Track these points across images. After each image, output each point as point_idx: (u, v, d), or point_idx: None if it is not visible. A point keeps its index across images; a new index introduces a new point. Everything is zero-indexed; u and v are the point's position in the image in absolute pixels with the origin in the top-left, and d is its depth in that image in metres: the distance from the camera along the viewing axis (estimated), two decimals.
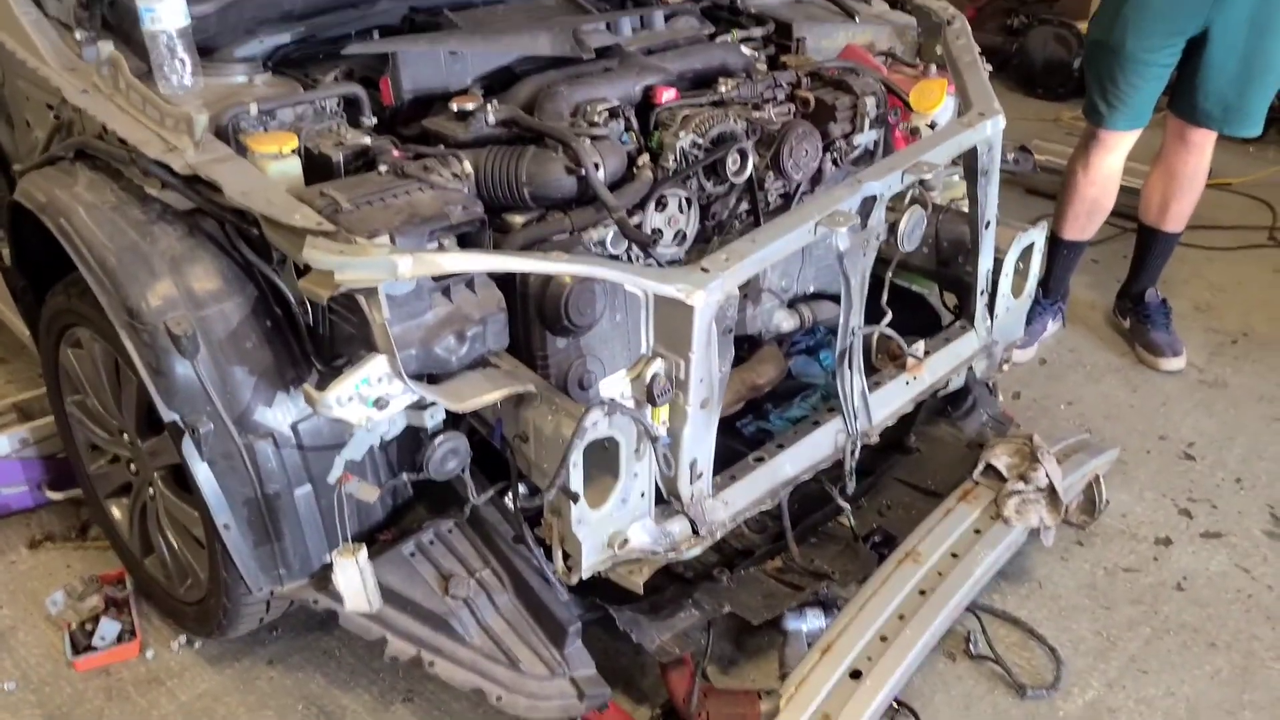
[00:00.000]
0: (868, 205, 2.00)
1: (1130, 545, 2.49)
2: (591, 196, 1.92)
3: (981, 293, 2.37)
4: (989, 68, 2.53)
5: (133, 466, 2.18)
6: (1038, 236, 2.41)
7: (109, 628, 2.19)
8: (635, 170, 2.00)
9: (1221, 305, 3.50)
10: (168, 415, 1.80)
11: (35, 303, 2.27)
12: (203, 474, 1.83)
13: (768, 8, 2.65)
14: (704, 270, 1.72)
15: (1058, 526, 2.29)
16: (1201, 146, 2.98)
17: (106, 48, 1.98)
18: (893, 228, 2.13)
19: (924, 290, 2.61)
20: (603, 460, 1.78)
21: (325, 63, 2.15)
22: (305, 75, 2.09)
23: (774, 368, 2.37)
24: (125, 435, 2.13)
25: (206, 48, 2.04)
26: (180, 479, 2.05)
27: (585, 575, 1.83)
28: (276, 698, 2.11)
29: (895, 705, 2.00)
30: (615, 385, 1.75)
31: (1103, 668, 2.18)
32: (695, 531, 1.91)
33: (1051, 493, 2.23)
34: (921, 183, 2.28)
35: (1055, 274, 3.20)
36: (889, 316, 2.25)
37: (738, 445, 2.25)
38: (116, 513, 2.29)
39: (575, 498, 1.71)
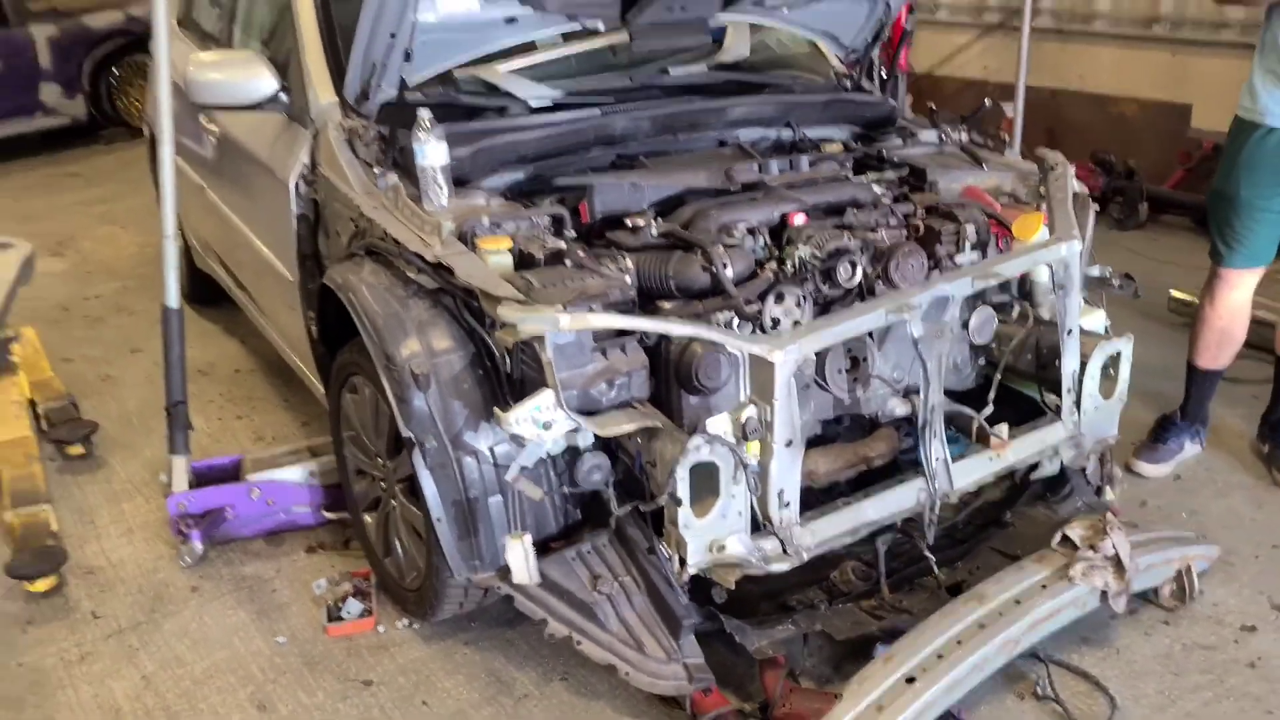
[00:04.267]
0: (943, 304, 2.49)
1: (1214, 628, 2.75)
2: (722, 289, 2.52)
3: (1068, 390, 2.77)
4: (1097, 206, 2.97)
5: (382, 485, 2.91)
6: (1124, 346, 2.80)
7: (354, 606, 2.90)
8: (758, 271, 2.59)
9: None
10: (405, 433, 2.51)
11: (328, 362, 3.10)
12: (425, 478, 2.51)
13: (910, 158, 3.21)
14: (782, 331, 2.28)
15: (1128, 595, 2.60)
16: None
17: (392, 178, 2.79)
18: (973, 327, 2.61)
19: (1033, 393, 3.01)
20: (710, 485, 2.34)
21: (543, 191, 2.90)
22: (528, 199, 2.83)
23: (885, 444, 2.82)
24: (379, 459, 2.87)
25: (460, 179, 2.83)
26: (412, 491, 2.75)
27: (691, 571, 2.37)
28: (467, 668, 2.73)
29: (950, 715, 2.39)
30: (719, 424, 2.32)
31: (1157, 718, 2.46)
32: (785, 551, 2.41)
33: (1117, 562, 2.56)
34: (1030, 300, 2.79)
35: (1192, 399, 3.48)
36: (989, 409, 2.71)
37: None
38: (369, 520, 3.03)
39: (679, 502, 2.26)
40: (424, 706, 2.62)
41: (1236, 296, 3.31)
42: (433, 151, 2.69)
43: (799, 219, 2.74)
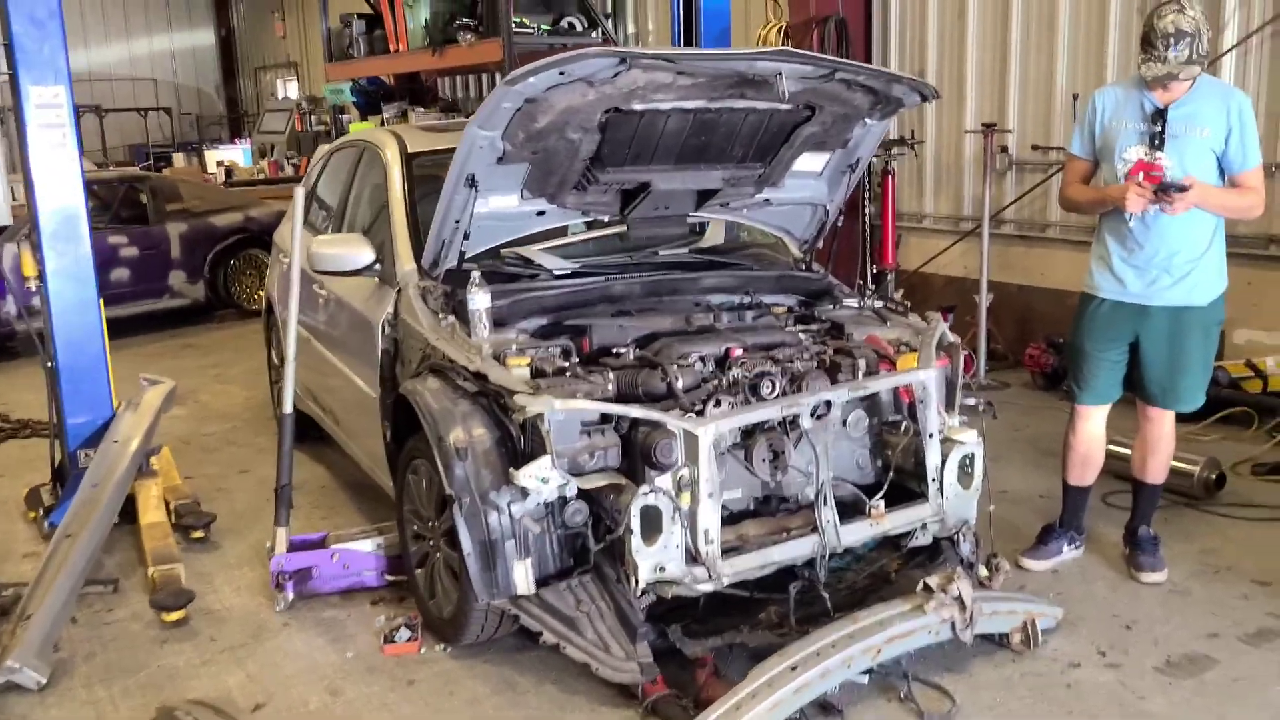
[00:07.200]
0: (828, 406, 3.54)
1: (1048, 665, 3.61)
2: (674, 394, 3.58)
3: (932, 480, 3.75)
4: (969, 352, 4.01)
5: (429, 542, 3.93)
6: (976, 449, 3.79)
7: (403, 634, 3.88)
8: (704, 385, 3.65)
9: (1234, 558, 4.46)
10: (449, 491, 3.56)
11: (396, 456, 4.17)
12: (461, 525, 3.53)
13: (836, 316, 4.30)
14: (706, 416, 3.33)
15: (973, 629, 3.50)
16: (1157, 419, 4.20)
17: (451, 319, 3.94)
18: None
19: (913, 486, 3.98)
20: (656, 525, 3.34)
21: (560, 332, 4.02)
22: (546, 336, 3.95)
23: (802, 520, 3.79)
24: (429, 522, 3.90)
25: (500, 321, 3.96)
26: (451, 543, 3.76)
27: (642, 585, 3.34)
28: (484, 674, 3.68)
29: (830, 706, 3.28)
30: (665, 482, 3.34)
31: (982, 714, 3.33)
32: (709, 576, 3.38)
33: (960, 601, 3.48)
34: (914, 417, 3.80)
35: (1067, 510, 4.39)
36: (880, 494, 3.70)
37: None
38: (420, 572, 4.03)
39: (632, 532, 3.27)
40: (450, 695, 3.57)
41: (1090, 427, 4.28)
42: (479, 300, 3.84)
43: (738, 352, 3.82)
